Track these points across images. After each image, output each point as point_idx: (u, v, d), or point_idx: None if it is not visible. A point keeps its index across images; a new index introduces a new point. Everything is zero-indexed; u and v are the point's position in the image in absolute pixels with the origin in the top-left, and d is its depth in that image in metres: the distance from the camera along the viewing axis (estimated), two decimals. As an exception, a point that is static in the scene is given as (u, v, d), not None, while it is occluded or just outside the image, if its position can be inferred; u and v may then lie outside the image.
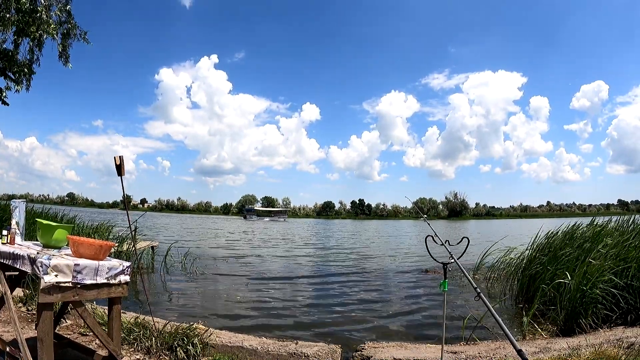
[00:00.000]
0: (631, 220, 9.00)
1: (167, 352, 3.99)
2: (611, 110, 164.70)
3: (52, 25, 10.00)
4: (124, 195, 4.51)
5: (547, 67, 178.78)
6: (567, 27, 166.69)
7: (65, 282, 2.72)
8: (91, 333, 4.26)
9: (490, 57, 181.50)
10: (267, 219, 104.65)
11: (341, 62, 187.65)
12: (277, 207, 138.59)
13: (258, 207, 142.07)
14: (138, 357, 3.91)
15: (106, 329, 3.23)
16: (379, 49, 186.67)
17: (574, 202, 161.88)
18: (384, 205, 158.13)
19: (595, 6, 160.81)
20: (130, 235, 8.31)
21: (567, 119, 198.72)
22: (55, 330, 3.71)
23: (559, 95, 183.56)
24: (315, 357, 4.22)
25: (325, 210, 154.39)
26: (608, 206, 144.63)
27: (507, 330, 2.40)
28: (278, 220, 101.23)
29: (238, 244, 24.55)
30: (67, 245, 3.31)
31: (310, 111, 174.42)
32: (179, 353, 3.94)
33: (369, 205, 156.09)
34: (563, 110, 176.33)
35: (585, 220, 9.46)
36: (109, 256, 3.23)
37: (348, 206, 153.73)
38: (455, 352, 4.60)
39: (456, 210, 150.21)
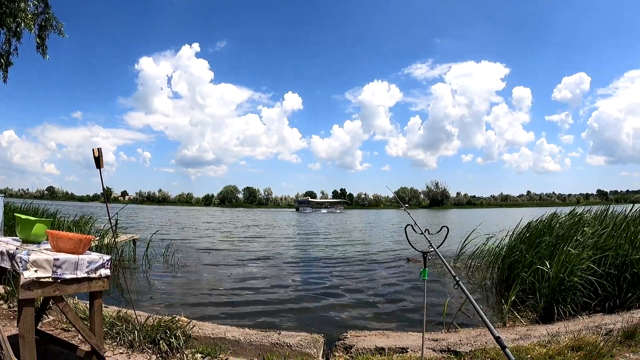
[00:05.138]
0: (609, 210, 9.18)
1: (150, 346, 3.99)
2: (592, 102, 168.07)
3: (30, 16, 9.81)
4: (103, 188, 4.47)
5: (530, 58, 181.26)
6: (551, 19, 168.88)
7: (45, 278, 2.70)
8: (74, 328, 4.24)
9: (474, 48, 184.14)
10: (324, 210, 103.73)
11: (324, 51, 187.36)
12: (330, 199, 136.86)
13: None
14: (121, 351, 3.90)
15: (88, 324, 3.22)
16: (363, 38, 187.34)
17: (553, 192, 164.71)
18: (365, 194, 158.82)
19: (579, 0, 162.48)
20: (111, 228, 8.22)
21: (549, 110, 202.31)
22: (38, 327, 3.68)
23: (541, 87, 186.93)
24: (297, 347, 4.25)
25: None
26: (587, 196, 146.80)
27: (485, 317, 2.44)
28: (335, 211, 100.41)
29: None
30: (46, 239, 3.28)
31: (293, 101, 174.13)
32: (161, 346, 3.93)
33: (350, 195, 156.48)
34: (545, 101, 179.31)
35: (564, 210, 9.61)
36: (89, 250, 3.20)
37: (330, 196, 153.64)
38: (437, 340, 4.67)
39: (437, 200, 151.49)
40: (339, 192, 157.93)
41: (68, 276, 2.83)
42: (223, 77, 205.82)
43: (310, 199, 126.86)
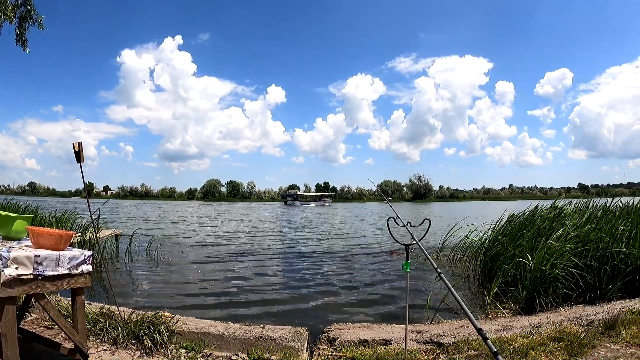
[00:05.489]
0: (590, 203, 9.32)
1: (134, 342, 3.97)
2: (574, 98, 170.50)
3: (10, 7, 9.61)
4: (84, 183, 4.43)
5: (514, 53, 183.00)
6: (535, 15, 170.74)
7: (26, 275, 2.67)
8: (57, 326, 4.21)
9: (457, 43, 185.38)
10: (312, 204, 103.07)
11: (308, 44, 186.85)
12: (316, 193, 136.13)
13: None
14: (105, 347, 3.88)
15: (71, 321, 3.19)
16: (347, 32, 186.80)
17: (535, 186, 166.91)
18: (348, 188, 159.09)
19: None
20: (92, 223, 8.14)
21: (531, 105, 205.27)
22: (20, 325, 3.64)
23: (524, 82, 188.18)
24: (282, 341, 4.26)
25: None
26: (569, 189, 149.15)
27: (467, 309, 2.48)
28: (324, 205, 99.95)
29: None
30: (27, 236, 3.25)
31: (276, 94, 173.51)
32: (145, 342, 3.92)
33: (333, 188, 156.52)
34: (527, 96, 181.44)
35: (546, 203, 9.75)
36: (70, 246, 3.18)
37: (313, 189, 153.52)
38: (420, 332, 4.71)
39: (420, 193, 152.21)
40: (322, 185, 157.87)
41: (49, 273, 2.81)
42: (206, 70, 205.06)
43: (298, 192, 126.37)
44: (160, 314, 4.42)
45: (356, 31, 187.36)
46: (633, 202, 8.93)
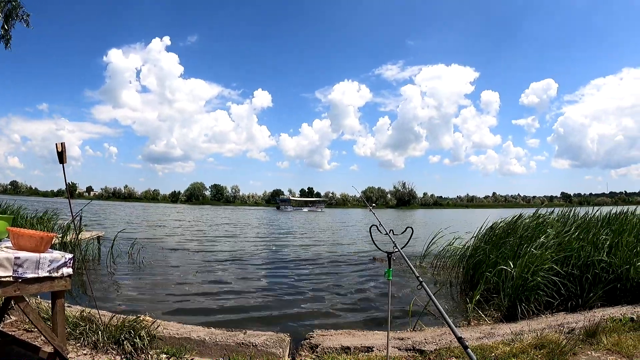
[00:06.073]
0: (572, 212, 9.43)
1: (114, 346, 3.93)
2: (558, 108, 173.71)
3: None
4: (66, 183, 4.38)
5: (500, 63, 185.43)
6: (522, 26, 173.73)
7: (6, 277, 2.64)
8: (37, 329, 4.15)
9: (444, 52, 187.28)
10: (305, 209, 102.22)
11: (295, 50, 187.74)
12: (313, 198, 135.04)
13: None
14: (85, 352, 3.83)
15: (51, 324, 3.16)
16: (334, 38, 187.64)
17: (519, 194, 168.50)
18: (333, 194, 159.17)
19: (550, 8, 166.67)
20: (74, 225, 8.05)
21: (516, 114, 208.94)
22: (-1, 327, 3.60)
23: (510, 91, 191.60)
24: (263, 347, 4.25)
25: (274, 199, 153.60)
26: (552, 198, 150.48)
27: (447, 318, 2.49)
28: (316, 210, 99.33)
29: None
30: (7, 237, 3.20)
31: (262, 98, 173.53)
32: (126, 346, 3.88)
33: (318, 194, 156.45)
34: (512, 105, 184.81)
35: (529, 211, 9.84)
36: (51, 248, 3.14)
37: (297, 194, 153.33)
38: (402, 339, 4.73)
39: (404, 200, 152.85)
40: (307, 190, 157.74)
41: (29, 275, 2.78)
42: (193, 72, 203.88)
43: (291, 197, 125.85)
44: (141, 318, 4.38)
45: (344, 37, 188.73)
46: (614, 211, 9.05)
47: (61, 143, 3.93)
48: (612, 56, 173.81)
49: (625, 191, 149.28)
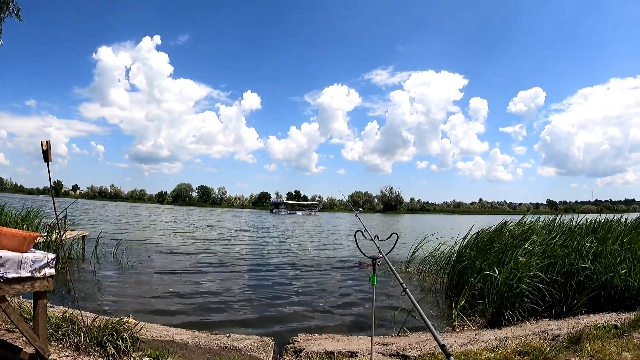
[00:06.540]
0: (557, 219, 9.52)
1: (96, 348, 3.88)
2: (546, 116, 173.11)
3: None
4: (50, 182, 4.34)
5: (489, 71, 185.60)
6: (511, 34, 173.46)
7: (-14, 277, 2.61)
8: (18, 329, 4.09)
9: (434, 58, 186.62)
10: (299, 212, 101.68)
11: (285, 52, 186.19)
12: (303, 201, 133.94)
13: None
14: (67, 354, 3.78)
15: (32, 325, 3.12)
16: (325, 41, 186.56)
17: (505, 201, 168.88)
18: (320, 197, 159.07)
19: (539, 18, 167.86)
20: (57, 224, 7.97)
21: (504, 122, 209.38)
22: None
23: (498, 99, 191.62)
24: (247, 351, 4.23)
25: (261, 201, 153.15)
26: (537, 205, 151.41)
27: (430, 326, 2.49)
28: (310, 214, 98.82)
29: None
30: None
31: (251, 100, 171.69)
32: (108, 349, 3.84)
33: (305, 197, 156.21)
34: (500, 113, 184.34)
35: (515, 218, 9.92)
36: (35, 246, 3.11)
37: (284, 197, 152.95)
38: (386, 344, 4.74)
39: (391, 205, 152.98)
40: (294, 194, 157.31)
41: (11, 275, 2.75)
42: (182, 72, 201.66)
43: (285, 200, 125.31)
44: (124, 320, 4.35)
45: (334, 41, 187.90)
46: (598, 219, 9.16)
47: (46, 141, 3.88)
48: (599, 66, 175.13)
49: (610, 199, 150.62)
